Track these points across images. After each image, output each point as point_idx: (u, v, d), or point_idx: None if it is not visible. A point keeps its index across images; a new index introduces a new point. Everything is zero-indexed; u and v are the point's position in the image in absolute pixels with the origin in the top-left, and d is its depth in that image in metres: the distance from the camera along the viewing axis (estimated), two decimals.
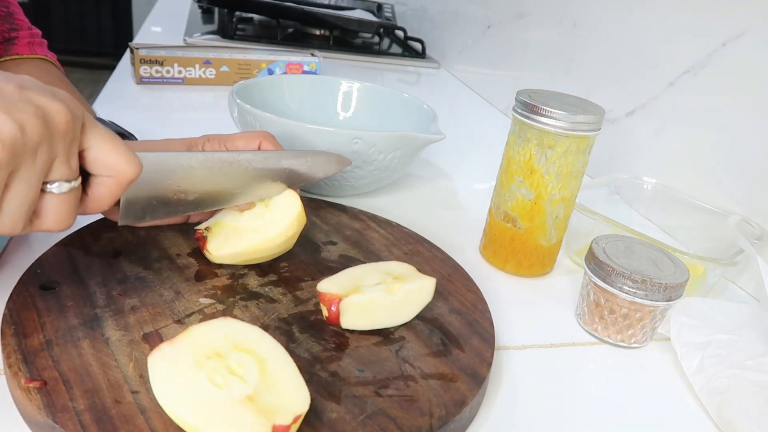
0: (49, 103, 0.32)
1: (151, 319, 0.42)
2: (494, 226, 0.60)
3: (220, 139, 0.53)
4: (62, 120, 0.32)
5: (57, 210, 0.35)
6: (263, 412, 0.32)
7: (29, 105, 0.31)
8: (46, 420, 0.33)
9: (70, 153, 0.34)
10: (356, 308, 0.43)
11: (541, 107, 0.53)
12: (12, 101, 0.31)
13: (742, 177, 0.66)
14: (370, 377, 0.40)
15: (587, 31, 0.93)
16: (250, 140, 0.52)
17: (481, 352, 0.44)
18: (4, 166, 0.30)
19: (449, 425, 0.37)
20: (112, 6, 3.81)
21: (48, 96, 0.32)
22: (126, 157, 0.36)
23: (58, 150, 0.33)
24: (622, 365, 0.50)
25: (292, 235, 0.50)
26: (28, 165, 0.32)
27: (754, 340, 0.49)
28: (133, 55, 0.95)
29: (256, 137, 0.52)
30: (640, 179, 0.74)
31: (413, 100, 0.78)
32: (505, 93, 1.17)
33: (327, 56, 1.30)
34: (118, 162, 0.36)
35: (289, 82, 0.80)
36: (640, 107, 0.81)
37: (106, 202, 0.37)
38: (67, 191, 0.34)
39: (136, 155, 0.37)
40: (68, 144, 0.33)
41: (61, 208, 0.35)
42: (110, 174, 0.36)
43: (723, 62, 0.69)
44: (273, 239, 0.49)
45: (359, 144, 0.62)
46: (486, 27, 1.25)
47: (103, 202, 0.37)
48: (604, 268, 0.50)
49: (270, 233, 0.49)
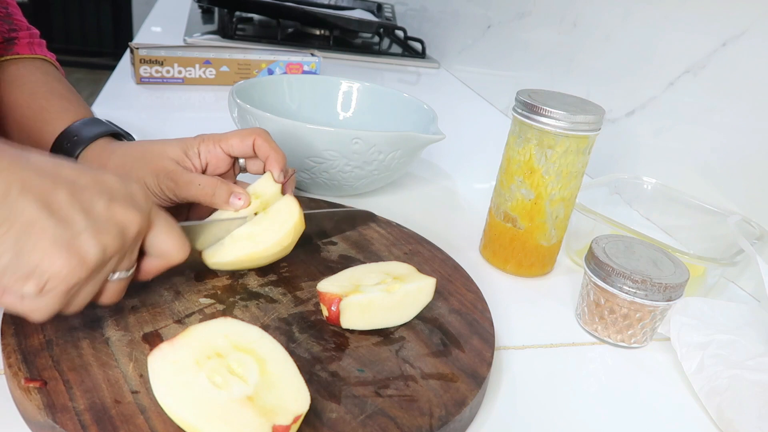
0: (128, 215, 0.36)
1: (151, 319, 0.42)
2: (494, 226, 0.60)
3: (215, 140, 0.52)
4: (135, 231, 0.36)
5: (112, 292, 0.39)
6: (263, 412, 0.32)
7: (113, 224, 0.35)
8: (46, 420, 0.33)
9: (134, 250, 0.38)
10: (356, 308, 0.43)
11: (541, 107, 0.53)
12: (100, 223, 0.34)
13: (742, 177, 0.66)
14: (370, 377, 0.40)
15: (587, 31, 0.93)
16: (245, 138, 0.52)
17: (481, 352, 0.44)
18: (83, 282, 0.34)
19: (449, 425, 0.37)
20: (112, 6, 3.81)
21: (128, 207, 0.36)
22: (179, 245, 0.40)
23: (127, 251, 0.37)
24: (622, 365, 0.50)
25: (288, 244, 0.49)
26: (100, 272, 0.36)
27: (754, 340, 0.49)
28: (133, 55, 0.95)
29: (249, 135, 0.52)
30: (640, 179, 0.74)
31: (413, 100, 0.78)
32: (505, 93, 1.17)
33: (327, 56, 1.30)
34: (171, 249, 0.40)
35: (289, 82, 0.80)
36: (640, 107, 0.81)
37: (152, 276, 0.41)
38: (122, 279, 0.38)
39: (187, 241, 0.41)
40: (134, 244, 0.37)
41: (115, 290, 0.39)
42: (162, 257, 0.40)
43: (723, 62, 0.69)
44: (269, 248, 0.48)
45: (359, 144, 0.62)
46: (486, 27, 1.25)
47: (150, 276, 0.41)
48: (604, 268, 0.50)
49: (266, 242, 0.48)
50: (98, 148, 0.54)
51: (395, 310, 0.45)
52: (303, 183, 0.68)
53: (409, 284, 0.45)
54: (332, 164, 0.63)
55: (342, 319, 0.43)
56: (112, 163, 0.53)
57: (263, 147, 0.52)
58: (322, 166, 0.64)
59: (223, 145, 0.52)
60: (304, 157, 0.63)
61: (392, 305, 0.44)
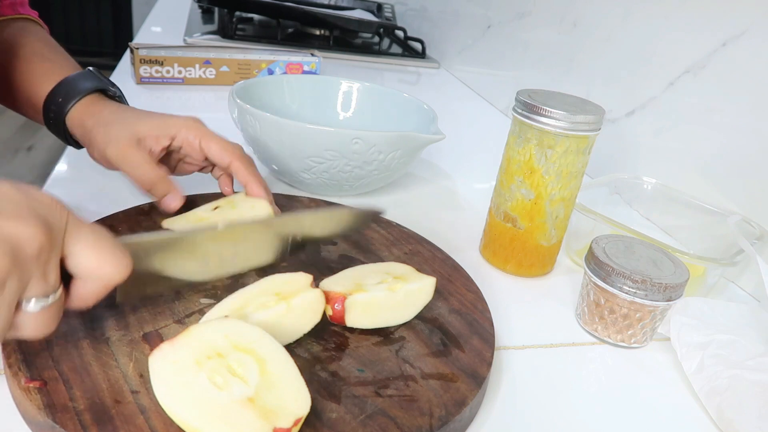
0: (21, 230, 0.30)
1: (151, 319, 0.42)
2: (494, 226, 0.60)
3: (198, 134, 0.52)
4: (34, 248, 0.30)
5: (33, 324, 0.33)
6: (264, 414, 0.32)
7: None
8: (46, 420, 0.33)
9: (47, 271, 0.32)
10: (360, 306, 0.43)
11: (541, 107, 0.53)
12: None
13: (742, 177, 0.66)
14: (370, 377, 0.40)
15: (587, 31, 0.93)
16: (224, 153, 0.52)
17: (481, 352, 0.44)
18: None
19: (449, 425, 0.37)
20: (112, 6, 3.81)
21: (21, 219, 0.30)
22: (112, 261, 0.34)
23: (31, 273, 0.31)
24: (622, 365, 0.50)
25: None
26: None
27: (754, 340, 0.49)
28: (133, 55, 0.95)
29: (231, 153, 0.52)
30: (640, 179, 0.74)
31: (413, 100, 0.78)
32: (505, 93, 1.17)
33: (327, 56, 1.30)
34: (102, 267, 0.34)
35: (289, 82, 0.80)
36: (640, 107, 0.81)
37: (90, 303, 0.36)
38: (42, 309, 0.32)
39: (125, 255, 0.35)
40: (43, 264, 0.31)
41: (37, 322, 0.32)
42: (91, 277, 0.34)
43: (723, 62, 0.69)
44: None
45: (359, 144, 0.62)
46: (486, 27, 1.25)
47: (87, 303, 0.36)
48: (604, 268, 0.50)
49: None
50: (83, 106, 0.55)
51: (397, 309, 0.45)
52: (303, 183, 0.68)
53: (410, 284, 0.46)
54: (332, 164, 0.63)
55: (347, 317, 0.43)
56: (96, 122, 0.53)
57: (240, 172, 0.52)
58: (322, 166, 0.64)
59: (203, 143, 0.52)
60: (304, 157, 0.63)
61: (395, 304, 0.45)
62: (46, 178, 0.63)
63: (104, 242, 0.34)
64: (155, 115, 0.54)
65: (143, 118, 0.53)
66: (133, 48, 0.95)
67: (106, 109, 0.55)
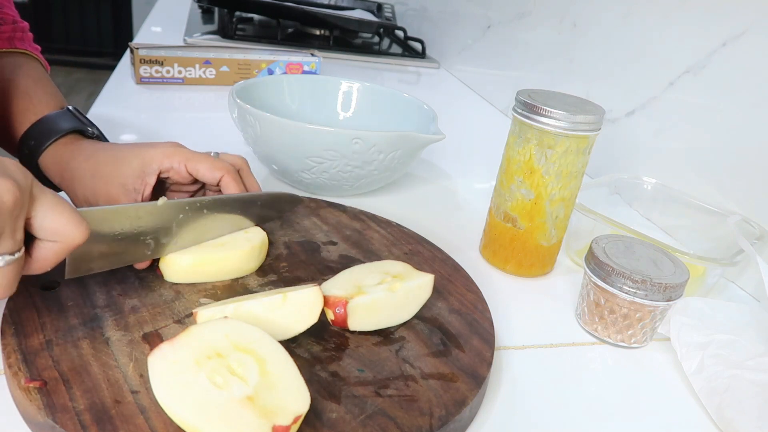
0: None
1: (151, 319, 0.42)
2: (494, 226, 0.60)
3: (183, 158, 0.50)
4: (10, 199, 0.32)
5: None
6: (263, 413, 0.33)
7: None
8: (46, 420, 0.33)
9: (16, 227, 0.33)
10: (362, 309, 0.43)
11: (541, 107, 0.53)
12: None
13: (742, 177, 0.66)
14: (370, 377, 0.40)
15: (587, 31, 0.93)
16: (214, 170, 0.50)
17: (481, 352, 0.44)
18: None
19: (449, 425, 0.37)
20: (112, 6, 3.81)
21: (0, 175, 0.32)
22: (73, 223, 0.36)
23: (4, 226, 0.32)
24: (622, 365, 0.50)
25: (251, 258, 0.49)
26: None
27: (754, 340, 0.49)
28: (133, 55, 0.95)
29: (220, 169, 0.50)
30: (640, 179, 0.74)
31: (413, 100, 0.78)
32: (505, 93, 1.17)
33: (327, 56, 1.30)
34: (64, 228, 0.35)
35: (289, 82, 0.80)
36: (640, 107, 0.81)
37: (50, 265, 0.37)
38: (9, 264, 0.34)
39: (84, 219, 0.36)
40: (14, 219, 0.33)
41: (2, 278, 0.34)
42: (56, 239, 0.36)
43: (723, 62, 0.69)
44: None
45: (359, 144, 0.62)
46: (486, 27, 1.25)
47: (47, 265, 0.37)
48: (604, 268, 0.50)
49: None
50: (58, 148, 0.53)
51: (398, 308, 0.45)
52: (303, 183, 0.68)
53: (409, 282, 0.46)
54: (332, 164, 0.63)
55: (350, 321, 0.43)
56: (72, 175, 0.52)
57: (230, 187, 0.50)
58: (322, 166, 0.64)
59: (189, 167, 0.50)
60: (304, 157, 0.63)
61: (396, 304, 0.45)
62: None
63: (65, 206, 0.36)
64: (134, 152, 0.51)
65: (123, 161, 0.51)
66: (133, 48, 0.95)
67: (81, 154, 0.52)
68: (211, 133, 0.83)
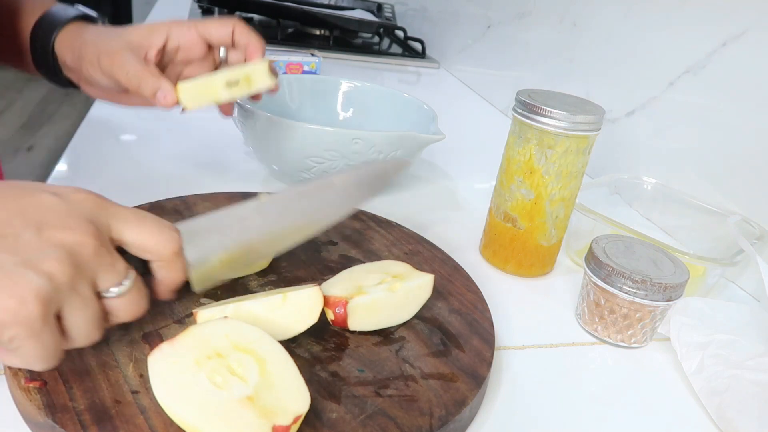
0: (70, 237, 0.32)
1: (151, 319, 0.42)
2: (494, 226, 0.60)
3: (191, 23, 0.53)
4: (89, 251, 0.32)
5: (123, 308, 0.35)
6: (263, 413, 0.33)
7: (51, 249, 0.31)
8: (46, 420, 0.33)
9: (108, 262, 0.33)
10: (363, 309, 0.43)
11: (541, 107, 0.53)
12: (33, 253, 0.31)
13: (742, 177, 0.66)
14: (370, 377, 0.40)
15: (587, 31, 0.93)
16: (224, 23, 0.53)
17: (481, 352, 0.44)
18: (46, 315, 0.30)
19: (449, 425, 0.37)
20: (112, 6, 3.81)
21: (67, 229, 0.32)
22: (157, 233, 0.36)
23: (95, 270, 0.33)
24: (622, 365, 0.50)
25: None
26: (72, 298, 0.32)
27: (754, 340, 0.49)
28: None
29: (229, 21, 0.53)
30: (640, 179, 0.74)
31: (413, 100, 0.78)
32: (505, 93, 1.17)
33: (327, 56, 1.30)
34: (149, 244, 0.36)
35: (289, 82, 0.80)
36: (640, 107, 0.81)
37: (174, 281, 0.38)
38: (122, 294, 0.34)
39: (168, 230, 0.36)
40: (102, 258, 0.33)
41: (124, 305, 0.35)
42: (151, 257, 0.36)
43: (723, 62, 0.69)
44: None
45: (359, 144, 0.62)
46: (486, 27, 1.25)
47: (171, 283, 0.38)
48: (604, 268, 0.50)
49: None
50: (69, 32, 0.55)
51: (398, 308, 0.45)
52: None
53: (409, 282, 0.46)
54: (332, 164, 0.63)
55: (350, 321, 0.43)
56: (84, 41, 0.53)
57: (243, 32, 0.52)
58: (322, 166, 0.64)
59: (199, 28, 0.52)
60: (304, 157, 0.63)
61: (396, 303, 0.45)
62: (45, 178, 0.63)
63: (146, 219, 0.36)
64: (144, 25, 0.54)
65: (132, 29, 0.53)
66: None
67: (92, 29, 0.54)
68: (211, 133, 0.83)
